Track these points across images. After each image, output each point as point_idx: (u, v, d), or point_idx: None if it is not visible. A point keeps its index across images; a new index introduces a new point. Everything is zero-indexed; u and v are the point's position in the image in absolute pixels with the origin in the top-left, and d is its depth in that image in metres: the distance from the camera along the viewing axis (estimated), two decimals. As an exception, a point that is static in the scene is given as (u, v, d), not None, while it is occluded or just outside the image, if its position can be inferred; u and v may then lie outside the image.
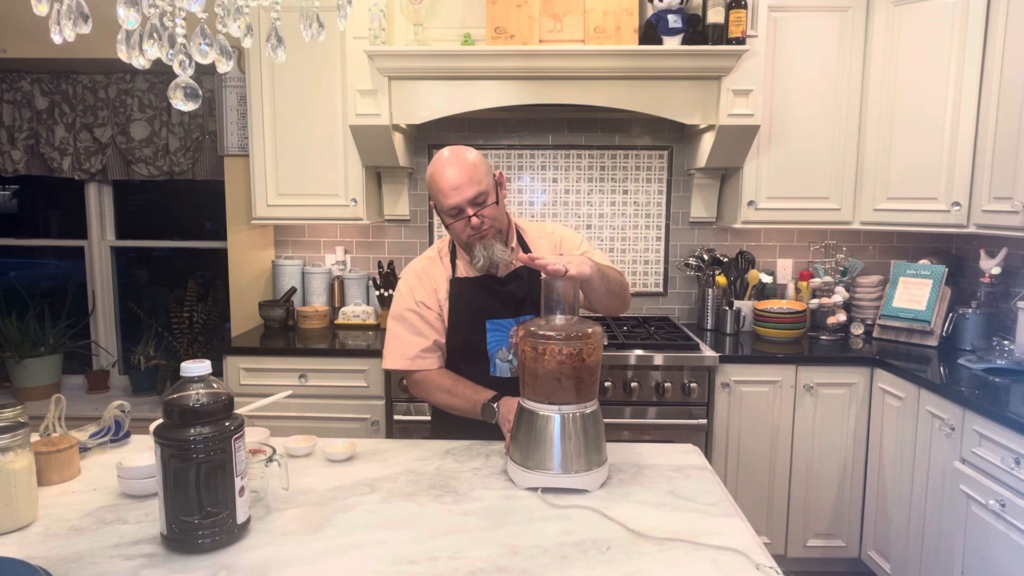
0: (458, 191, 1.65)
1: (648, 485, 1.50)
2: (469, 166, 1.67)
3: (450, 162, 1.68)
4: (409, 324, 1.82)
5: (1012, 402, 2.16)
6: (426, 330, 1.82)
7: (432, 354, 1.83)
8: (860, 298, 3.20)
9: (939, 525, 2.34)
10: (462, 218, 1.69)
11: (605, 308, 1.77)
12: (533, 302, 1.78)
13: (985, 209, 2.65)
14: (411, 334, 1.82)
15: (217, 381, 1.23)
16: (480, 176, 1.67)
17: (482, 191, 1.67)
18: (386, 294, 3.17)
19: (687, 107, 2.79)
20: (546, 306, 1.52)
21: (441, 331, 1.84)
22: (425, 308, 1.82)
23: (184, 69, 1.27)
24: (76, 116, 3.39)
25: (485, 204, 1.68)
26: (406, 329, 1.83)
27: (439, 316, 1.83)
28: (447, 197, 1.67)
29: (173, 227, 3.74)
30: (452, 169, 1.66)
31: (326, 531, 1.29)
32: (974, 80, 2.67)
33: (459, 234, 1.73)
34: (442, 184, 1.67)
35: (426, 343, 1.82)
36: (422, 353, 1.82)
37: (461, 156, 1.69)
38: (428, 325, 1.82)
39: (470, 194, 1.66)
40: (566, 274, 1.46)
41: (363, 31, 2.72)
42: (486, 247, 1.72)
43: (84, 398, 3.49)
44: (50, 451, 1.48)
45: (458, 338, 1.83)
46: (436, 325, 1.83)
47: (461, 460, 1.64)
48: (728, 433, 2.80)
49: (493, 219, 1.71)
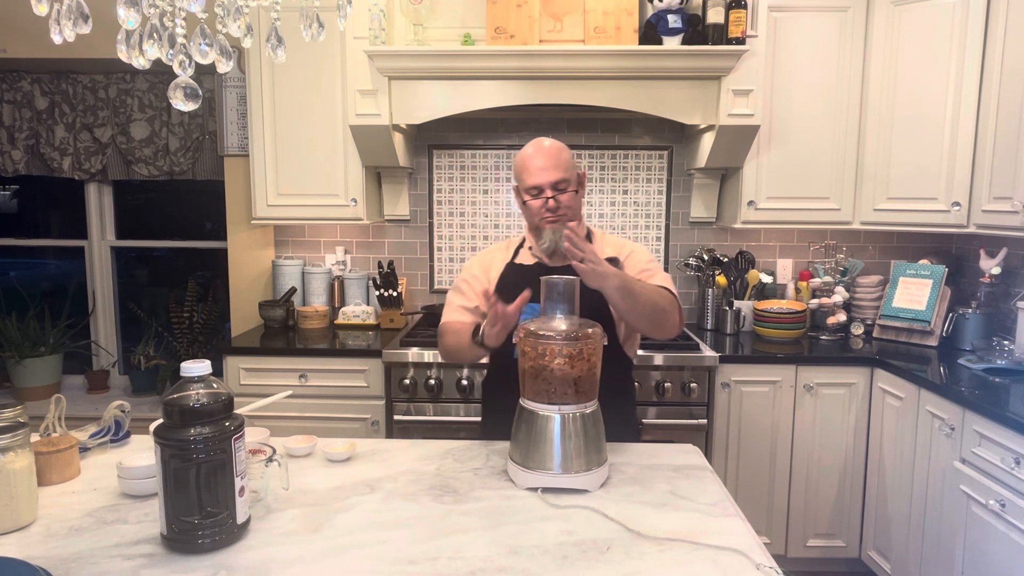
0: (543, 172, 1.78)
1: (648, 485, 1.50)
2: (557, 153, 1.80)
3: (541, 147, 1.81)
4: (458, 292, 1.97)
5: (1012, 402, 2.16)
6: (470, 295, 1.93)
7: (467, 312, 1.92)
8: (860, 298, 3.21)
9: (939, 525, 2.34)
10: (540, 198, 1.79)
11: (636, 327, 1.81)
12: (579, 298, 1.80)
13: (985, 209, 2.65)
14: (459, 297, 1.95)
15: (217, 381, 1.23)
16: (566, 165, 1.80)
17: (565, 178, 1.79)
18: (386, 294, 3.17)
19: (687, 107, 2.79)
20: (547, 305, 1.52)
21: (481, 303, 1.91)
22: (476, 280, 1.94)
23: (184, 69, 1.27)
24: (76, 116, 3.39)
25: (565, 191, 1.79)
26: (455, 293, 1.98)
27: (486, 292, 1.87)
28: (531, 175, 1.79)
29: (173, 227, 3.74)
30: (541, 153, 1.79)
31: (326, 531, 1.29)
32: (974, 80, 2.67)
33: (534, 214, 1.83)
34: (529, 163, 1.80)
35: (465, 303, 1.93)
36: (461, 308, 1.93)
37: (553, 145, 1.81)
38: (473, 293, 1.93)
39: (553, 177, 1.77)
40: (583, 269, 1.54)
41: (363, 31, 2.72)
42: (555, 231, 1.79)
43: (84, 398, 3.49)
44: (50, 451, 1.48)
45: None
46: (478, 295, 1.92)
47: (461, 460, 1.64)
48: (728, 433, 2.80)
49: (568, 207, 1.81)
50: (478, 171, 3.37)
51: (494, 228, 3.40)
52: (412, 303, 3.44)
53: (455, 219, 3.41)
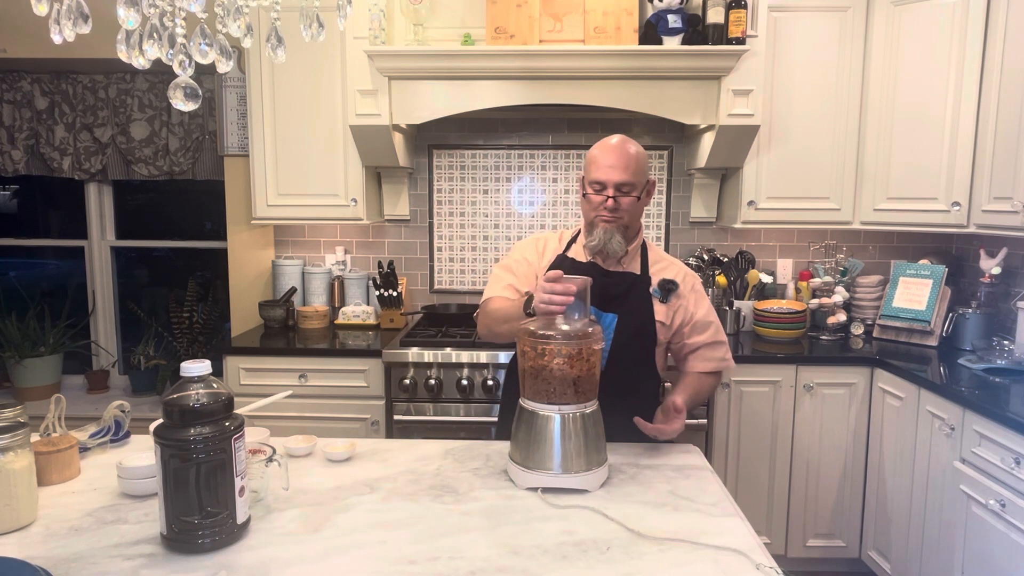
0: (612, 169, 1.74)
1: (648, 485, 1.50)
2: (630, 155, 1.76)
3: (618, 146, 1.77)
4: (508, 270, 1.93)
5: (1012, 402, 2.16)
6: (520, 276, 1.91)
7: (514, 291, 1.88)
8: (860, 298, 3.20)
9: (939, 525, 2.34)
10: (602, 194, 1.75)
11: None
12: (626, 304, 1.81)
13: (985, 209, 2.65)
14: (506, 274, 1.93)
15: (217, 381, 1.23)
16: (637, 169, 1.76)
17: (631, 182, 1.75)
18: (386, 294, 3.17)
19: (687, 107, 2.79)
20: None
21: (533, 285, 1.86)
22: (527, 263, 1.91)
23: (184, 69, 1.27)
24: (76, 116, 3.39)
25: (628, 194, 1.76)
26: (504, 271, 1.94)
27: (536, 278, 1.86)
28: (599, 170, 1.76)
29: (173, 227, 3.74)
30: (614, 151, 1.76)
31: (326, 531, 1.29)
32: (974, 80, 2.67)
33: (591, 209, 1.79)
34: (600, 158, 1.76)
35: (516, 283, 1.89)
36: (510, 287, 1.89)
37: (629, 146, 1.77)
38: (523, 274, 1.90)
39: (620, 178, 1.74)
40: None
41: (363, 31, 2.72)
42: (607, 232, 1.77)
43: (84, 398, 3.49)
44: (50, 451, 1.48)
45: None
46: (530, 278, 1.89)
47: (461, 460, 1.64)
48: (728, 433, 2.80)
49: (628, 211, 1.77)
50: (478, 171, 3.37)
51: (494, 228, 3.40)
52: (412, 303, 3.44)
53: (455, 219, 3.41)
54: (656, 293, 1.84)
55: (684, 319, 1.88)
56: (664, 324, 1.85)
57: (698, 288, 1.92)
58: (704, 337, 1.90)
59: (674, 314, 1.86)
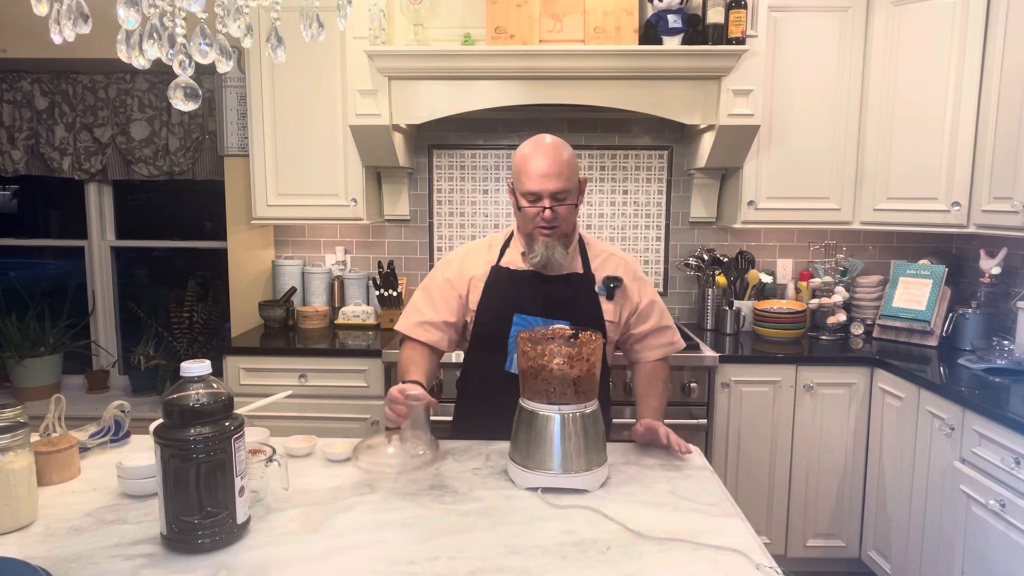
0: (544, 179, 1.67)
1: (648, 485, 1.50)
2: (563, 161, 1.68)
3: (546, 150, 1.69)
4: (428, 295, 1.86)
5: (1012, 402, 2.16)
6: (439, 306, 1.83)
7: (434, 329, 1.83)
8: (860, 298, 3.20)
9: (939, 525, 2.34)
10: (537, 206, 1.69)
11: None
12: (573, 308, 1.77)
13: (985, 209, 2.65)
14: (424, 304, 1.85)
15: (217, 381, 1.23)
16: (569, 174, 1.69)
17: (566, 188, 1.69)
18: (386, 294, 3.17)
19: (687, 107, 2.79)
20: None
21: (455, 314, 1.83)
22: (449, 287, 1.83)
23: (184, 69, 1.27)
24: (76, 116, 3.39)
25: (564, 202, 1.69)
26: (423, 298, 1.86)
27: (459, 300, 1.83)
28: (531, 181, 1.68)
29: (173, 227, 3.74)
30: (545, 157, 1.67)
31: (326, 531, 1.29)
32: (974, 80, 2.67)
33: (528, 221, 1.73)
34: (530, 168, 1.68)
35: (432, 316, 1.83)
36: (424, 324, 1.83)
37: (558, 149, 1.69)
38: (443, 302, 1.83)
39: (554, 187, 1.67)
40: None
41: (363, 31, 2.72)
42: (548, 246, 1.72)
43: (84, 398, 3.49)
44: (50, 451, 1.48)
45: (483, 326, 1.82)
46: (452, 305, 1.83)
47: (461, 460, 1.64)
48: (728, 433, 2.80)
49: (565, 219, 1.72)
50: (478, 171, 3.37)
51: (494, 228, 3.40)
52: (412, 303, 3.44)
53: (455, 219, 3.41)
54: (602, 291, 1.80)
55: (631, 311, 1.86)
56: (613, 323, 1.82)
57: (639, 275, 1.89)
58: (650, 324, 1.87)
59: (621, 309, 1.84)
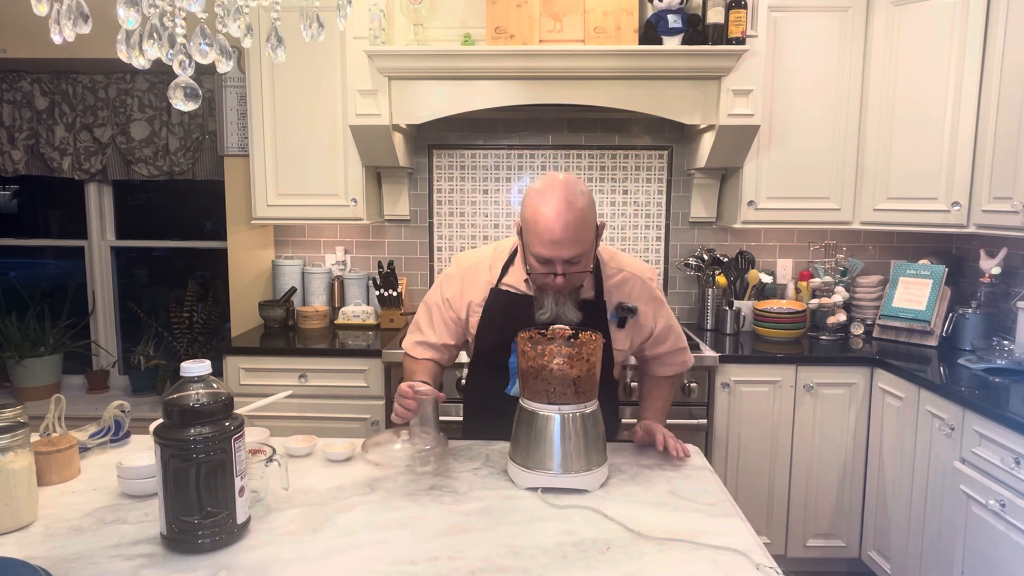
0: (557, 246, 1.49)
1: (648, 485, 1.50)
2: (580, 222, 1.49)
3: (560, 209, 1.48)
4: (428, 314, 1.84)
5: (1012, 402, 2.16)
6: (439, 327, 1.82)
7: (432, 350, 1.83)
8: (860, 298, 3.20)
9: (939, 525, 2.34)
10: (548, 271, 1.54)
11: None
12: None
13: (985, 209, 2.65)
14: (425, 323, 1.84)
15: (217, 381, 1.23)
16: (584, 236, 1.51)
17: (582, 253, 1.52)
18: (386, 294, 3.17)
19: (687, 107, 2.79)
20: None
21: (454, 336, 1.81)
22: (448, 308, 1.79)
23: (184, 69, 1.27)
24: (76, 116, 3.39)
25: (578, 265, 1.54)
26: (424, 317, 1.85)
27: (458, 321, 1.79)
28: (543, 246, 1.50)
29: (173, 227, 3.74)
30: (559, 219, 1.47)
31: (326, 531, 1.29)
32: (974, 80, 2.67)
33: (537, 280, 1.60)
34: (542, 228, 1.49)
35: (432, 338, 1.82)
36: (424, 344, 1.83)
37: (573, 206, 1.48)
38: (443, 324, 1.81)
39: (568, 254, 1.50)
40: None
41: (363, 31, 2.72)
42: (558, 303, 1.60)
43: (84, 398, 3.49)
44: (50, 451, 1.48)
45: (484, 347, 1.79)
46: (450, 327, 1.80)
47: (461, 460, 1.64)
48: (728, 433, 2.80)
49: (579, 278, 1.59)
50: (478, 171, 3.37)
51: (494, 228, 3.40)
52: (412, 303, 3.44)
53: (455, 219, 3.41)
54: (613, 318, 1.70)
55: (644, 338, 1.79)
56: (622, 351, 1.76)
57: (656, 295, 1.77)
58: (666, 347, 1.83)
59: (633, 337, 1.76)
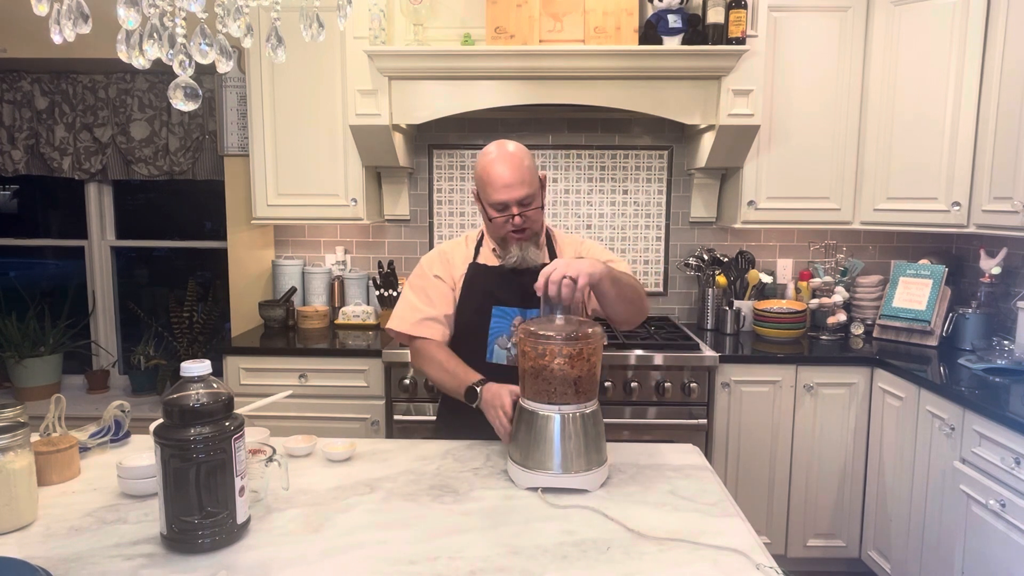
0: (508, 189, 1.71)
1: (648, 485, 1.50)
2: (523, 167, 1.73)
3: (504, 159, 1.73)
4: (421, 292, 1.88)
5: (1012, 402, 2.16)
6: (437, 300, 1.86)
7: (435, 324, 1.86)
8: (860, 298, 3.20)
9: (939, 525, 2.34)
10: (506, 214, 1.75)
11: (619, 316, 1.75)
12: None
13: (985, 209, 2.64)
14: (420, 301, 1.87)
15: (217, 381, 1.23)
16: (530, 178, 1.74)
17: (530, 193, 1.74)
18: (386, 294, 3.17)
19: (687, 107, 2.79)
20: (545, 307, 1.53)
21: (451, 305, 1.88)
22: (440, 281, 1.87)
23: (184, 69, 1.27)
24: (76, 116, 3.39)
25: (531, 206, 1.75)
26: (417, 296, 1.89)
27: (452, 291, 1.88)
28: (497, 192, 1.73)
29: (173, 227, 3.75)
30: (506, 166, 1.72)
31: (326, 531, 1.29)
32: (974, 80, 2.67)
33: (499, 229, 1.79)
34: (494, 178, 1.72)
35: (432, 312, 1.85)
36: (425, 321, 1.85)
37: (516, 155, 1.74)
38: (440, 296, 1.87)
39: (519, 194, 1.72)
40: (576, 283, 1.49)
41: (363, 31, 2.72)
42: (522, 247, 1.78)
43: (84, 398, 3.49)
44: (50, 451, 1.48)
45: (463, 319, 1.88)
46: (447, 298, 1.87)
47: (461, 460, 1.64)
48: (728, 433, 2.80)
49: (534, 221, 1.78)
50: (478, 171, 3.37)
51: (494, 228, 3.40)
52: (412, 303, 3.43)
53: (455, 219, 3.41)
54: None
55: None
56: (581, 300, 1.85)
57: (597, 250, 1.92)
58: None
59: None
